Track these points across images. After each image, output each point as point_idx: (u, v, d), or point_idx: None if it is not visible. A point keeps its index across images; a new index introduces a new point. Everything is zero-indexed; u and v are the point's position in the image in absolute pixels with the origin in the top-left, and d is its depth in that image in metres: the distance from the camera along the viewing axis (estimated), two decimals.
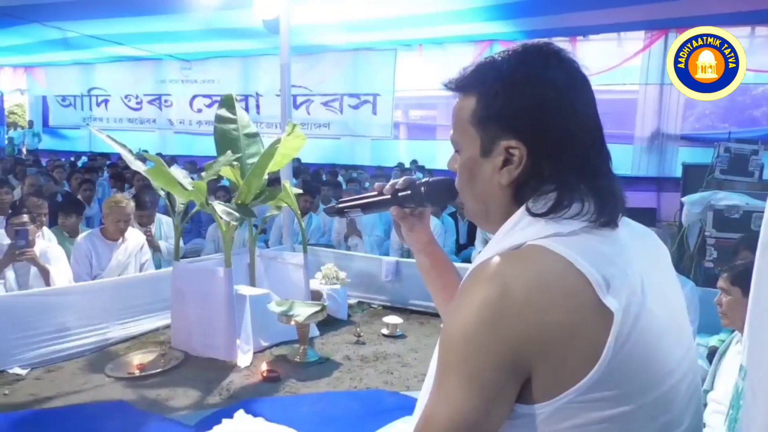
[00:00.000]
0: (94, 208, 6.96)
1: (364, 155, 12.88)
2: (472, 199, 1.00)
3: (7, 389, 3.25)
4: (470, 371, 0.81)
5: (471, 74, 0.98)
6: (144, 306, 4.18)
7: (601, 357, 0.78)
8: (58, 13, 10.16)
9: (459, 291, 0.88)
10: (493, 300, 0.80)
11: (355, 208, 1.20)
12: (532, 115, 0.89)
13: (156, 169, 3.53)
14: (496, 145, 0.92)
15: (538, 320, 0.78)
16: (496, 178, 0.93)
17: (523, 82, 0.91)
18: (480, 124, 0.94)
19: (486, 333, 0.80)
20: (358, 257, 5.19)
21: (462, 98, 0.98)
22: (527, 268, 0.82)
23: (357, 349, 3.98)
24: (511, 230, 0.90)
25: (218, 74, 14.44)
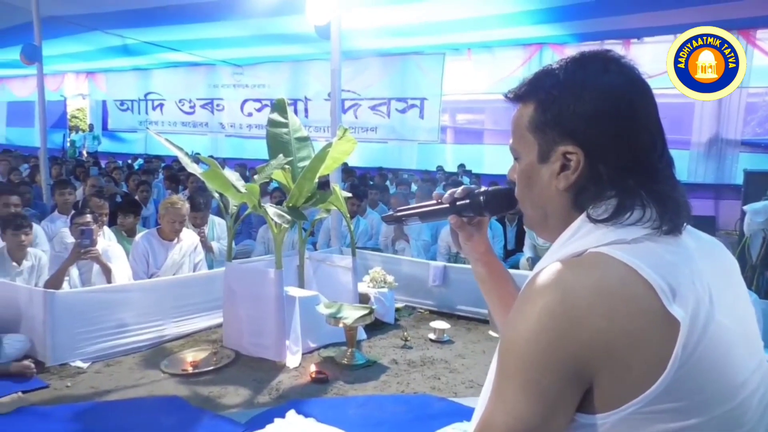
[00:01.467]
0: (150, 208, 7.19)
1: (410, 159, 12.90)
2: (530, 205, 1.00)
3: (70, 381, 3.40)
4: (530, 378, 0.80)
5: (530, 82, 0.98)
6: (197, 305, 4.30)
7: (668, 367, 0.77)
8: (119, 21, 10.59)
9: (519, 298, 0.88)
10: (555, 307, 0.80)
11: (413, 217, 1.21)
12: (590, 120, 0.89)
13: (211, 171, 3.63)
14: (554, 150, 0.92)
15: (601, 328, 0.77)
16: (553, 183, 0.93)
17: (581, 88, 0.91)
18: (538, 131, 0.94)
19: (547, 340, 0.79)
20: (406, 261, 5.19)
21: (521, 107, 0.99)
22: (589, 275, 0.81)
23: (404, 354, 3.98)
24: (572, 237, 0.90)
25: (268, 79, 14.72)
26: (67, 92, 18.32)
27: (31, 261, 4.15)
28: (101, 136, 18.15)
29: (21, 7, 9.02)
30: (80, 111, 21.69)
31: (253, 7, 8.60)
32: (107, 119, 18.40)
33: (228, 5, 8.88)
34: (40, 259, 4.21)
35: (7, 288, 3.85)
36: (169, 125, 16.55)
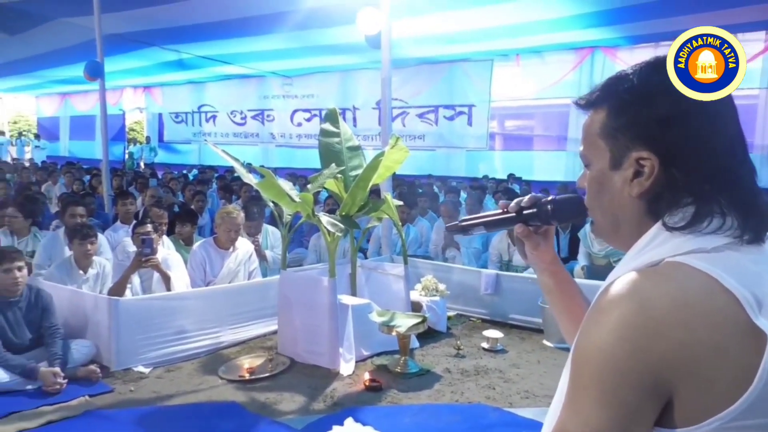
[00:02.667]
0: (206, 217, 7.39)
1: (459, 166, 12.83)
2: (601, 213, 0.98)
3: (133, 386, 3.51)
4: (606, 390, 0.78)
5: (602, 88, 0.97)
6: (252, 312, 4.38)
7: (754, 381, 0.73)
8: (175, 36, 10.96)
9: (593, 307, 0.86)
10: (631, 317, 0.78)
11: (479, 226, 1.20)
12: (664, 126, 0.87)
13: (266, 181, 3.71)
14: (627, 156, 0.90)
15: (680, 340, 0.75)
16: (626, 190, 0.91)
17: (655, 92, 0.89)
18: (610, 137, 0.92)
19: (623, 351, 0.77)
20: (457, 269, 5.16)
21: (592, 113, 0.97)
22: (667, 285, 0.79)
23: (457, 362, 3.95)
24: (647, 246, 0.88)
25: (317, 89, 14.95)
26: (125, 106, 19.09)
27: (96, 269, 4.32)
28: (157, 147, 18.81)
29: (84, 26, 9.47)
30: (138, 124, 22.55)
31: (303, 20, 8.76)
32: (163, 131, 19.06)
33: (279, 18, 9.07)
34: (104, 267, 4.38)
35: (75, 295, 4.02)
36: (221, 136, 16.99)
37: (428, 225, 6.86)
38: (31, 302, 3.59)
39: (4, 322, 3.47)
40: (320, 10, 8.07)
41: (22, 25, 10.80)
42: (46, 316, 3.61)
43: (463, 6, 7.78)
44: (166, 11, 9.29)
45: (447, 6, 7.57)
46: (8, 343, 3.46)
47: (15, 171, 12.98)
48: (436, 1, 7.09)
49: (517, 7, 7.81)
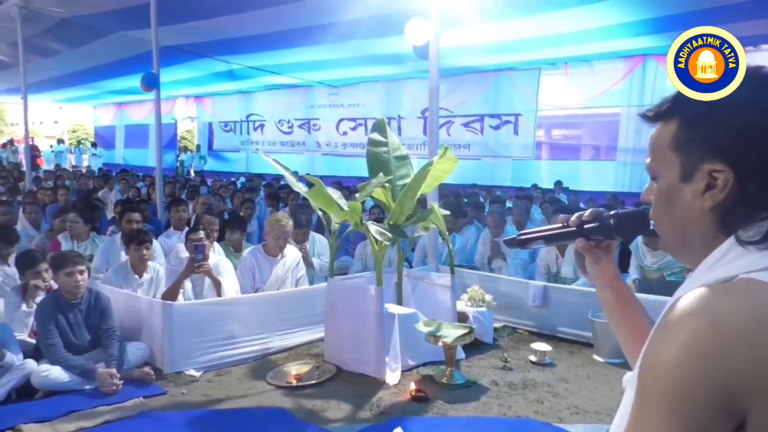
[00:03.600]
0: (254, 225, 7.52)
1: (504, 176, 12.72)
2: (669, 228, 0.96)
3: (185, 389, 3.60)
4: (675, 408, 0.77)
5: (673, 100, 0.95)
6: (299, 319, 4.44)
7: None
8: (226, 48, 11.27)
9: (660, 324, 0.84)
10: (703, 335, 0.76)
11: (538, 240, 1.19)
12: (740, 138, 0.85)
13: (316, 190, 3.76)
14: (698, 169, 0.88)
15: (756, 359, 0.73)
16: (697, 203, 0.89)
17: (731, 104, 0.87)
18: (681, 148, 0.91)
19: (694, 369, 0.76)
20: (504, 280, 5.11)
21: (662, 125, 0.96)
22: (741, 302, 0.77)
23: (504, 375, 3.90)
24: (719, 261, 0.85)
25: (363, 98, 15.10)
26: (177, 115, 19.71)
27: (151, 274, 4.45)
28: (207, 155, 19.30)
29: (141, 39, 9.84)
30: (189, 132, 23.22)
31: (350, 30, 8.87)
32: (213, 140, 19.58)
33: (326, 29, 9.21)
34: (158, 272, 4.52)
35: (130, 299, 4.16)
36: (268, 145, 17.32)
37: (474, 234, 6.81)
38: (90, 305, 3.73)
39: (65, 324, 3.61)
40: (368, 20, 8.15)
41: (83, 39, 11.30)
42: (104, 318, 3.75)
43: (511, 15, 7.75)
44: (218, 24, 9.57)
45: (495, 16, 7.54)
46: (68, 344, 3.60)
47: (74, 178, 13.52)
48: (484, 11, 7.07)
49: (566, 15, 7.71)
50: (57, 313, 3.59)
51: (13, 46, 11.15)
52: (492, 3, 6.86)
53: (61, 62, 13.37)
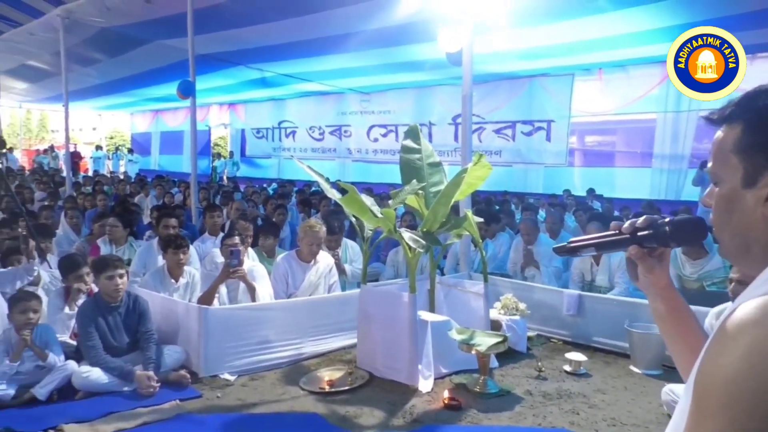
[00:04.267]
0: (286, 230, 7.58)
1: (536, 183, 12.60)
2: (729, 234, 0.94)
3: (220, 393, 3.65)
4: (735, 419, 0.75)
5: (738, 104, 0.93)
6: (332, 325, 4.45)
7: None
8: (259, 56, 11.44)
9: (718, 334, 0.82)
10: (764, 345, 0.74)
11: (589, 247, 1.17)
12: None
13: (350, 197, 3.78)
14: (762, 175, 0.86)
15: None
16: (759, 209, 0.87)
17: None
18: (745, 153, 0.89)
19: (754, 379, 0.74)
20: (538, 288, 5.05)
21: (726, 129, 0.94)
22: None
23: (538, 385, 3.85)
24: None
25: (393, 105, 15.15)
26: (211, 122, 20.05)
27: (187, 278, 4.53)
28: (240, 162, 19.58)
29: (178, 48, 10.06)
30: (222, 139, 23.59)
31: (382, 38, 8.92)
32: (245, 146, 19.86)
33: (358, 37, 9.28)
34: (194, 277, 4.59)
35: (167, 302, 4.24)
36: (300, 151, 17.50)
37: (506, 242, 6.75)
38: (129, 308, 3.81)
39: (105, 326, 3.69)
40: (400, 28, 8.19)
41: (122, 48, 11.61)
42: (142, 321, 3.82)
43: (545, 21, 7.70)
44: (252, 32, 9.73)
45: (529, 22, 7.50)
46: (108, 346, 3.68)
47: (112, 183, 13.86)
48: (518, 17, 7.03)
49: (601, 20, 7.63)
50: (97, 316, 3.68)
51: (55, 55, 11.51)
52: (526, 9, 6.83)
53: (101, 71, 13.75)
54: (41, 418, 3.16)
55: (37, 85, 16.74)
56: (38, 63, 13.79)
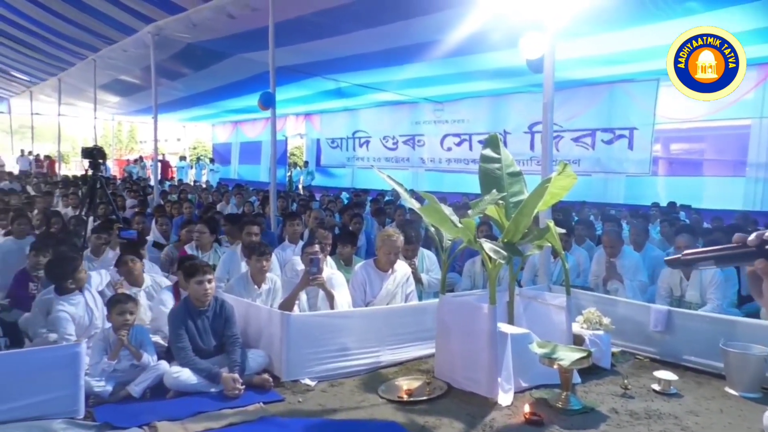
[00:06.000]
0: (361, 239, 7.66)
1: (617, 193, 12.15)
2: None
3: (301, 397, 3.72)
4: None
5: None
6: (410, 334, 4.45)
7: None
8: (336, 67, 11.67)
9: None
10: None
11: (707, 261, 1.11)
12: None
13: (429, 206, 3.78)
14: None
15: None
16: None
17: None
18: None
19: None
20: (622, 303, 4.85)
21: None
22: None
23: (625, 403, 3.69)
24: None
25: (467, 114, 15.05)
26: (288, 132, 20.62)
27: (269, 284, 4.66)
28: (314, 171, 20.01)
29: (258, 61, 10.43)
30: (298, 149, 24.22)
31: (458, 46, 8.88)
32: (320, 156, 20.27)
33: (433, 46, 9.29)
34: (275, 283, 4.72)
35: (250, 308, 4.37)
36: (373, 161, 17.67)
37: (585, 254, 6.54)
38: (216, 312, 3.96)
39: (194, 329, 3.85)
40: (478, 36, 8.13)
41: (205, 62, 12.17)
42: (228, 325, 3.96)
43: (629, 25, 7.44)
44: (329, 44, 9.95)
45: (613, 26, 7.27)
46: (196, 349, 3.83)
47: (195, 192, 14.49)
48: (601, 22, 6.84)
49: (689, 23, 7.28)
50: (187, 319, 3.84)
51: (145, 70, 12.20)
52: (610, 13, 6.63)
53: (186, 84, 14.46)
54: (136, 414, 3.33)
55: (129, 98, 17.81)
56: (130, 78, 14.67)
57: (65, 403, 3.25)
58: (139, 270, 4.69)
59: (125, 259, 4.66)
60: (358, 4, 7.86)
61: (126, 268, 4.65)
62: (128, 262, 4.64)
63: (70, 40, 12.62)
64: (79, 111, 21.32)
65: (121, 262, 4.68)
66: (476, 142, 14.98)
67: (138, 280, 4.67)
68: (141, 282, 4.69)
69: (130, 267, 4.64)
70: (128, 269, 4.64)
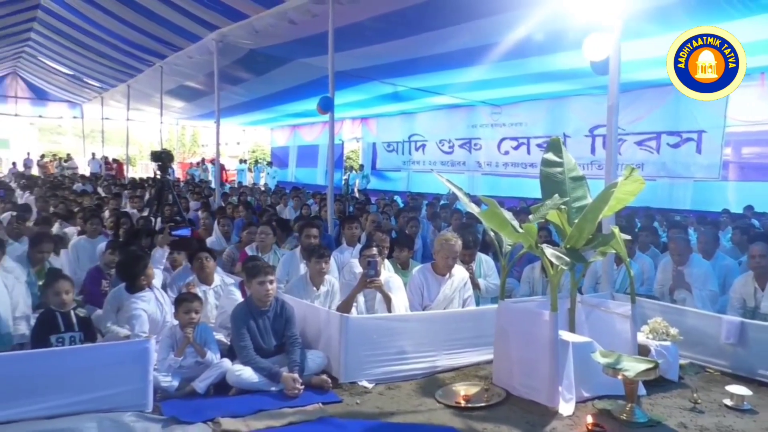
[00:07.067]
0: (417, 243, 7.66)
1: (683, 198, 11.70)
2: None
3: (359, 399, 3.74)
4: None
5: None
6: (467, 340, 4.41)
7: None
8: (393, 71, 11.73)
9: None
10: None
11: None
12: None
13: (490, 211, 3.74)
14: None
15: None
16: None
17: None
18: None
19: None
20: (690, 313, 4.66)
21: None
22: None
23: (694, 418, 3.54)
24: None
25: (526, 117, 14.83)
26: (344, 136, 20.86)
27: (327, 287, 4.71)
28: (370, 175, 20.15)
29: (318, 66, 10.61)
30: (354, 153, 24.44)
31: (518, 49, 8.78)
32: (376, 160, 20.39)
33: (492, 49, 9.21)
34: (333, 285, 4.77)
35: (310, 309, 4.43)
36: (429, 164, 17.65)
37: (650, 261, 6.32)
38: (277, 312, 4.04)
39: (255, 329, 3.94)
40: (538, 38, 8.01)
41: (266, 67, 12.46)
42: (288, 326, 4.03)
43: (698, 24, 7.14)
44: (387, 48, 10.00)
45: (681, 25, 6.99)
46: (257, 348, 3.91)
47: (254, 194, 14.84)
48: (669, 21, 6.61)
49: (763, 21, 6.95)
50: (249, 319, 3.94)
51: (208, 76, 12.62)
52: (678, 12, 6.39)
53: (247, 89, 14.84)
54: (201, 410, 3.43)
55: (193, 103, 18.45)
56: (194, 83, 15.20)
57: (135, 396, 3.37)
58: (211, 268, 4.81)
59: (200, 256, 4.79)
60: (416, 8, 7.87)
61: (200, 264, 4.77)
62: (203, 260, 4.77)
63: (138, 47, 13.20)
64: (146, 116, 22.27)
65: (196, 259, 4.81)
66: (534, 146, 14.74)
67: (209, 278, 4.80)
68: (211, 281, 4.82)
69: (204, 264, 4.76)
70: (201, 266, 4.76)
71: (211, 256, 4.87)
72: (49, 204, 9.78)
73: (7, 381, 3.14)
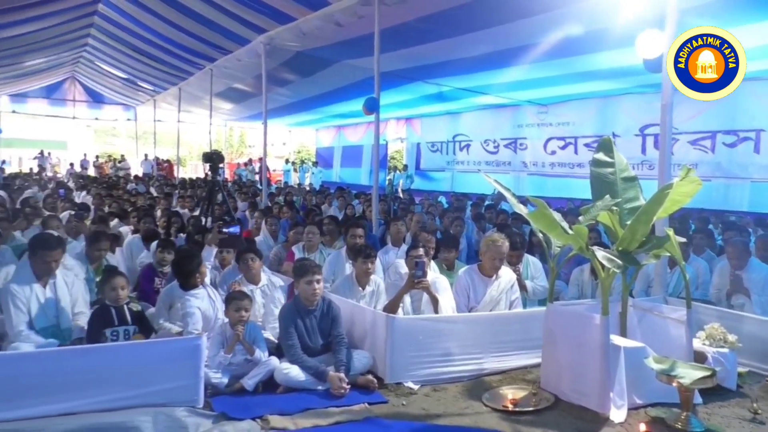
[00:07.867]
0: (462, 243, 7.60)
1: (740, 200, 11.25)
2: None
3: (405, 400, 3.73)
4: None
5: None
6: (514, 342, 4.35)
7: None
8: (438, 71, 11.69)
9: None
10: None
11: None
12: None
13: (538, 212, 3.68)
14: None
15: None
16: None
17: None
18: None
19: None
20: (750, 319, 4.48)
21: None
22: None
23: (754, 429, 3.41)
24: None
25: (573, 116, 14.55)
26: (388, 136, 20.90)
27: (373, 286, 4.73)
28: (414, 175, 20.12)
29: (363, 67, 10.66)
30: (398, 153, 24.47)
31: (566, 47, 8.62)
32: (420, 160, 20.36)
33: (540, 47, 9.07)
34: (378, 285, 4.78)
35: (355, 309, 4.45)
36: (473, 164, 17.51)
37: (705, 265, 6.10)
38: (323, 312, 4.08)
39: (302, 328, 3.99)
40: (586, 36, 7.84)
41: (312, 69, 12.60)
42: (334, 325, 4.06)
43: (758, 18, 6.87)
44: (432, 48, 9.97)
45: (738, 20, 6.74)
46: (304, 347, 3.95)
47: (299, 194, 15.03)
48: (725, 16, 6.37)
49: None
50: (296, 318, 3.98)
51: (256, 78, 12.83)
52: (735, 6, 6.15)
53: (293, 90, 15.04)
54: (249, 407, 3.49)
55: (241, 105, 18.80)
56: (242, 85, 15.49)
57: (186, 392, 3.46)
58: (257, 268, 4.89)
59: (245, 257, 4.88)
60: (461, 9, 7.82)
61: (245, 265, 4.85)
62: (248, 260, 4.85)
63: (189, 51, 13.54)
64: (196, 117, 22.83)
65: (242, 259, 4.90)
66: (582, 146, 14.44)
67: (256, 278, 4.88)
68: (258, 280, 4.90)
69: (249, 265, 4.84)
70: (247, 266, 4.84)
71: (257, 256, 4.94)
72: (104, 203, 10.14)
73: (68, 374, 3.26)
